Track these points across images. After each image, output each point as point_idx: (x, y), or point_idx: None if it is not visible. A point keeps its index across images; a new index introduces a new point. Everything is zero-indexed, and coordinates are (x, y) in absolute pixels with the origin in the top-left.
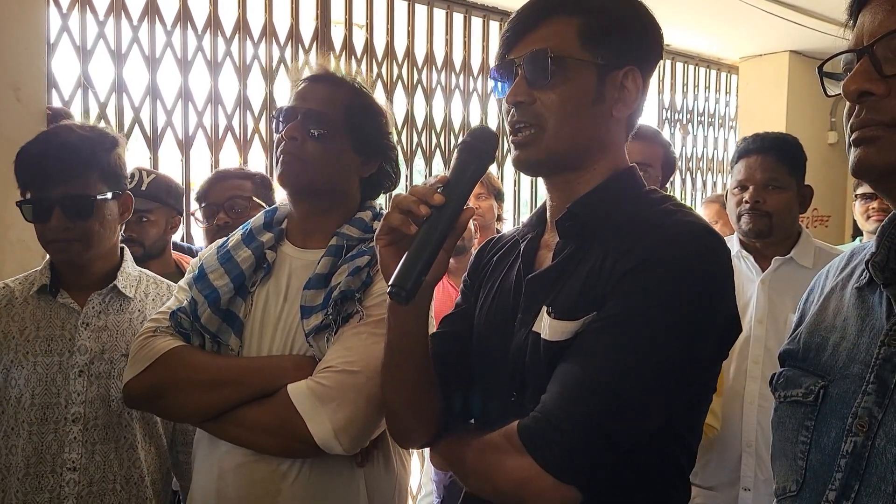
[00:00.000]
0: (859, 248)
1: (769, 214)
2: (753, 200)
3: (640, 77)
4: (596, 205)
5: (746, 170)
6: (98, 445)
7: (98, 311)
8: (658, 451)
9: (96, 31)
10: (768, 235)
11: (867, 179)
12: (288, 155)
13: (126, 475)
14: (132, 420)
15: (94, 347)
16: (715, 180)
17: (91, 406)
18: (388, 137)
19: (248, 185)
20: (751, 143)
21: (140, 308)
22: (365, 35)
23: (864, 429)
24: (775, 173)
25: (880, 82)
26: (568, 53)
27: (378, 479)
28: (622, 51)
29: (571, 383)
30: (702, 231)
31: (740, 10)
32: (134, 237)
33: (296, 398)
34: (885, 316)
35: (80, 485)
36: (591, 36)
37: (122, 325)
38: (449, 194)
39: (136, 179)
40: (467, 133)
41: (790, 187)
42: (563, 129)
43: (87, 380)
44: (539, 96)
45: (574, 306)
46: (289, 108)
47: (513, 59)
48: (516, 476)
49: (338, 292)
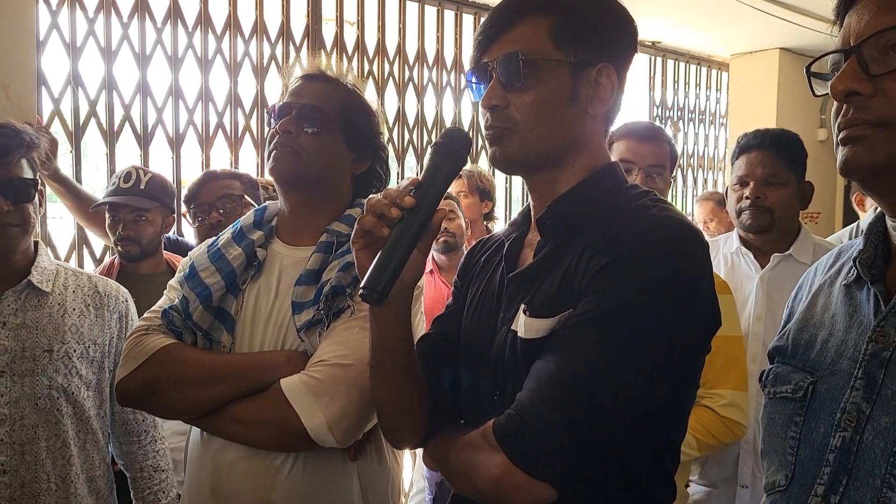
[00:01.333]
0: (846, 245)
1: (770, 210)
2: (754, 196)
3: (615, 73)
4: (575, 203)
5: (747, 165)
6: (27, 446)
7: (14, 309)
8: (640, 449)
9: (86, 28)
10: (769, 231)
11: (855, 178)
12: (281, 148)
13: (61, 473)
14: (63, 417)
15: (14, 346)
16: (706, 177)
17: (16, 406)
18: (379, 137)
19: (237, 185)
20: (751, 139)
21: (60, 302)
22: (356, 32)
23: (853, 424)
24: (775, 169)
25: (867, 82)
26: (540, 54)
27: (371, 472)
28: (595, 48)
29: (545, 380)
30: (678, 226)
31: (731, 7)
32: (131, 236)
33: (289, 392)
34: (872, 312)
35: (12, 487)
36: (563, 35)
37: (42, 321)
38: (421, 196)
39: (134, 178)
40: (441, 134)
41: (790, 183)
42: (537, 130)
43: (9, 380)
44: (513, 99)
45: (550, 304)
46: (284, 104)
47: (486, 62)
48: (492, 474)
49: (328, 287)
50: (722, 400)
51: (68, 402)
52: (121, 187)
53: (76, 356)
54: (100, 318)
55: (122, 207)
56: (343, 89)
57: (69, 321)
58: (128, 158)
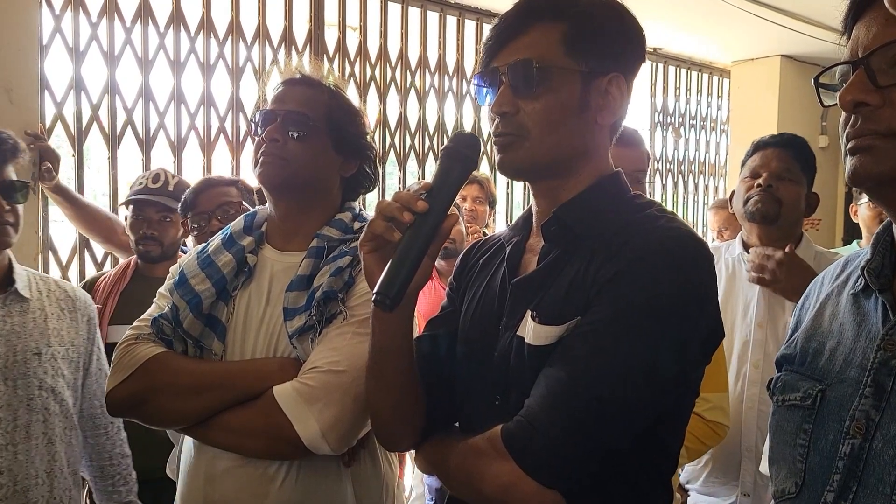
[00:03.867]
0: (854, 254)
1: (780, 201)
2: (766, 184)
3: (625, 83)
4: (581, 210)
5: (762, 159)
6: (20, 446)
7: (2, 315)
8: (640, 455)
9: (89, 32)
10: (774, 221)
11: (863, 187)
12: (269, 156)
13: (48, 469)
14: (51, 416)
15: (6, 351)
16: (707, 183)
17: (9, 409)
18: (366, 138)
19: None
20: (769, 138)
21: (40, 307)
22: (358, 37)
23: (862, 431)
24: (790, 165)
25: (875, 93)
26: (552, 62)
27: (365, 478)
28: (606, 57)
29: (555, 388)
30: (685, 237)
31: (732, 14)
32: (155, 235)
33: (282, 400)
34: (880, 321)
35: (6, 487)
36: (575, 43)
37: (28, 326)
38: (432, 201)
39: (163, 180)
40: (450, 138)
41: (802, 184)
42: (548, 139)
43: (2, 384)
44: (523, 106)
45: (558, 311)
46: (268, 111)
47: (496, 68)
48: (500, 481)
49: (320, 293)
50: (707, 404)
51: (55, 401)
52: (149, 187)
53: (60, 358)
54: (74, 322)
55: (149, 206)
56: (326, 91)
57: (51, 325)
58: (130, 163)
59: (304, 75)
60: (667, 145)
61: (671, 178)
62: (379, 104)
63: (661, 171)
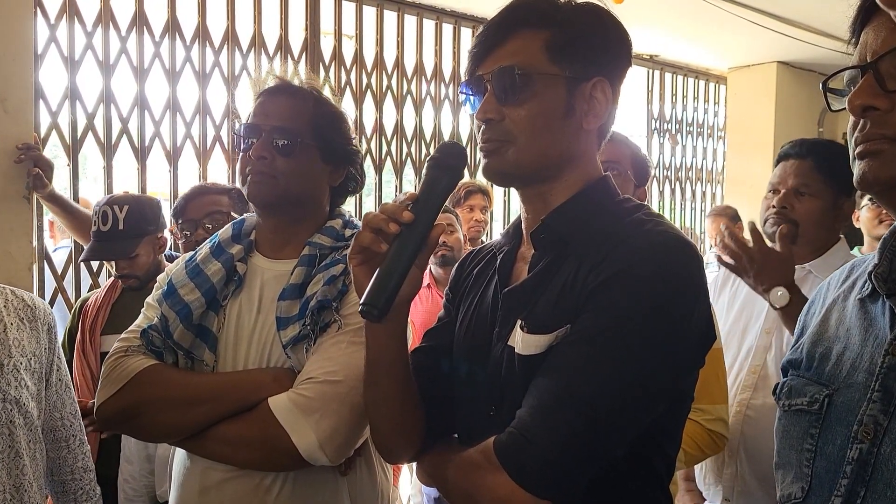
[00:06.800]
0: (860, 260)
1: (795, 222)
2: (780, 206)
3: (610, 87)
4: (570, 216)
5: (781, 172)
6: None
7: None
8: (638, 462)
9: (84, 42)
10: (792, 242)
11: (872, 192)
12: (258, 174)
13: (15, 483)
14: (16, 428)
15: None
16: (704, 190)
17: None
18: (352, 142)
19: (225, 201)
20: (790, 148)
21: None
22: (354, 46)
23: (870, 436)
24: (808, 179)
25: (884, 97)
26: (535, 68)
27: (361, 487)
28: (590, 62)
29: (546, 397)
30: (674, 241)
31: (729, 21)
32: (127, 272)
33: (278, 411)
34: (888, 326)
35: None
36: (558, 49)
37: None
38: (419, 211)
39: (111, 219)
40: (436, 149)
41: (823, 196)
42: (534, 144)
43: None
44: (508, 113)
45: (548, 320)
46: (252, 125)
47: (481, 75)
48: (495, 494)
49: (315, 302)
50: (708, 415)
51: (20, 413)
52: (101, 231)
53: (23, 369)
54: (34, 331)
55: (105, 256)
56: (309, 99)
57: (11, 335)
58: (125, 172)
59: (286, 83)
60: (664, 152)
61: (668, 184)
62: (375, 112)
63: (659, 177)
